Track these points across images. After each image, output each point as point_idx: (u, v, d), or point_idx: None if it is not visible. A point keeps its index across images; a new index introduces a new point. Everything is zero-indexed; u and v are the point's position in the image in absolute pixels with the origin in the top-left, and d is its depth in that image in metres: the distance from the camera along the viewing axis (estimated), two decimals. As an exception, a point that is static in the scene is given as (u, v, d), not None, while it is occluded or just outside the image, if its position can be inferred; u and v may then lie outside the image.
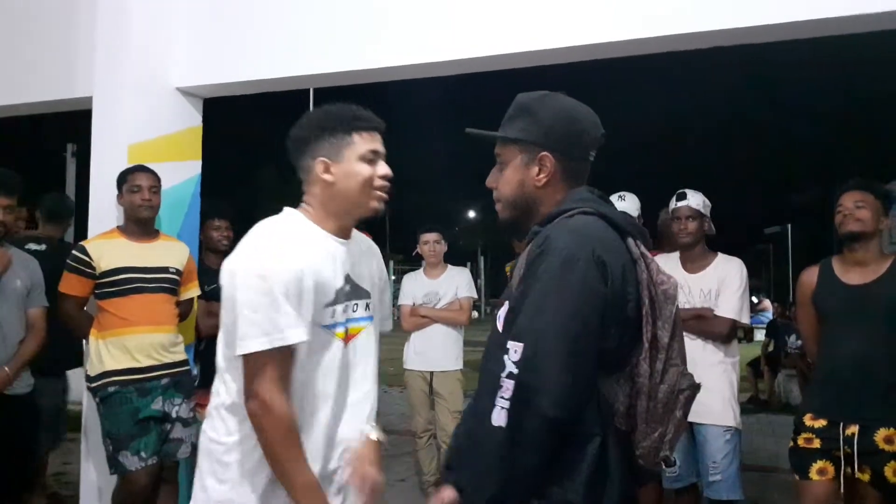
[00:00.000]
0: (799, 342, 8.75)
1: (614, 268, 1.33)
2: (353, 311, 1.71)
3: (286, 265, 1.55)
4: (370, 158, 1.66)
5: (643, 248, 1.42)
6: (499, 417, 1.25)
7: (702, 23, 2.97)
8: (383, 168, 1.68)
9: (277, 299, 1.51)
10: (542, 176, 1.47)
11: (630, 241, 1.42)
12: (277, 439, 1.51)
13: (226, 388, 1.63)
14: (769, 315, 13.07)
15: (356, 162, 1.64)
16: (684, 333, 1.46)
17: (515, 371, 1.25)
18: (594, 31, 3.11)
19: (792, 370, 8.73)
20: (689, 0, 2.98)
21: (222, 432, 1.63)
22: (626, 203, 3.45)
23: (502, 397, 1.25)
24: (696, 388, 1.38)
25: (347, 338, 1.69)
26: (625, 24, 3.06)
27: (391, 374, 10.55)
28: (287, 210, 1.71)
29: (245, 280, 1.55)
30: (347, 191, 1.65)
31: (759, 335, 10.70)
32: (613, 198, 3.35)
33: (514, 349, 1.27)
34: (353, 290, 1.70)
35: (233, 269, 1.59)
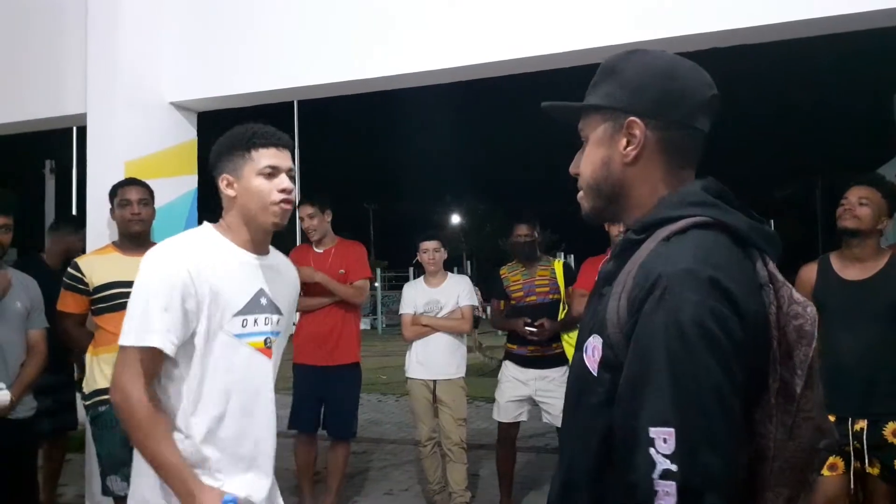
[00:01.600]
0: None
1: (750, 310, 1.00)
2: (272, 325, 1.82)
3: (177, 271, 1.66)
4: (268, 173, 1.73)
5: (772, 266, 1.08)
6: None
7: (690, 26, 3.01)
8: (282, 182, 1.74)
9: (155, 303, 1.64)
10: (630, 149, 1.12)
11: (757, 258, 1.08)
12: (135, 426, 1.63)
13: None
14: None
15: (254, 177, 1.73)
16: None
17: (674, 468, 0.92)
18: (588, 35, 3.15)
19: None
20: (680, 3, 3.02)
21: None
22: None
23: (661, 501, 0.92)
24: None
25: (270, 350, 1.81)
26: (617, 27, 3.10)
27: (384, 382, 10.55)
28: (204, 223, 1.84)
29: (139, 279, 1.70)
30: (247, 205, 1.75)
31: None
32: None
33: (664, 437, 0.93)
34: (269, 304, 1.81)
35: (140, 269, 1.72)
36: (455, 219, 44.41)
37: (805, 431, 1.04)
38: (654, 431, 0.93)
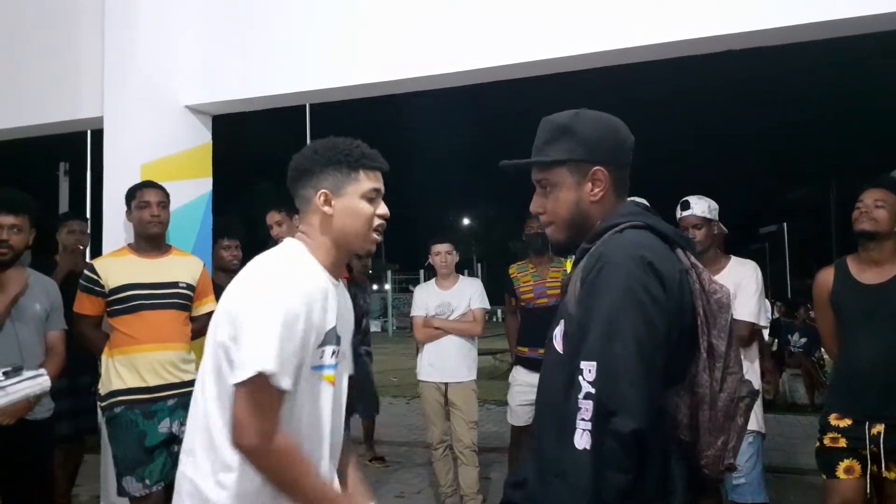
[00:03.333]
0: (802, 341, 8.79)
1: (671, 278, 1.33)
2: (340, 356, 1.68)
3: (297, 308, 1.50)
4: (371, 197, 1.65)
5: (693, 258, 1.42)
6: (582, 440, 1.22)
7: (701, 29, 3.02)
8: (383, 208, 1.68)
9: (282, 336, 1.47)
10: (597, 191, 1.46)
11: (679, 251, 1.42)
12: (287, 466, 1.50)
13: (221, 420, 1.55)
14: (768, 315, 13.10)
15: (358, 199, 1.64)
16: None
17: (593, 390, 1.23)
18: (597, 39, 3.16)
19: (797, 369, 8.75)
20: (689, 7, 3.02)
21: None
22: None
23: (583, 419, 1.23)
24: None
25: (334, 379, 1.67)
26: (629, 30, 3.10)
27: (395, 385, 10.56)
28: (290, 242, 1.68)
29: (256, 306, 1.51)
30: (345, 227, 1.64)
31: (763, 335, 10.70)
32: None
33: (588, 368, 1.24)
34: (336, 335, 1.67)
35: (247, 293, 1.55)
36: (465, 222, 44.45)
37: (731, 384, 1.36)
38: (583, 364, 1.26)
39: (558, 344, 1.39)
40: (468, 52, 3.35)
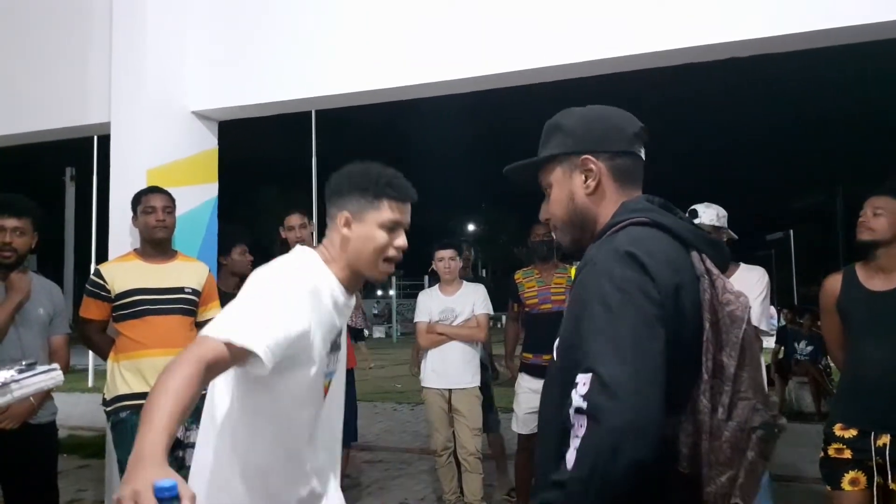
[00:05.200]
0: (809, 349, 8.74)
1: (662, 281, 1.16)
2: (337, 363, 1.75)
3: (303, 300, 1.52)
4: (390, 227, 1.66)
5: (709, 264, 1.25)
6: (571, 458, 1.09)
7: (705, 37, 3.02)
8: (401, 240, 1.69)
9: (277, 318, 1.44)
10: (590, 182, 1.33)
11: (694, 255, 1.25)
12: (169, 368, 1.32)
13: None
14: (774, 322, 13.05)
15: (376, 228, 1.65)
16: None
17: (584, 406, 1.08)
18: (603, 46, 3.17)
19: (803, 377, 8.70)
20: (693, 15, 3.03)
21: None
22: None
23: (576, 436, 1.09)
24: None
25: (329, 387, 1.72)
26: (633, 37, 3.11)
27: (399, 391, 10.54)
28: (304, 250, 1.70)
29: (258, 288, 1.50)
30: (359, 251, 1.66)
31: (768, 342, 10.66)
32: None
33: (583, 382, 1.10)
34: (338, 344, 1.74)
35: (261, 275, 1.55)
36: (471, 227, 44.43)
37: (742, 411, 1.16)
38: (578, 378, 1.12)
39: (556, 353, 1.28)
40: (473, 59, 3.36)
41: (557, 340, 1.28)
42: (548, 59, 3.25)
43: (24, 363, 2.22)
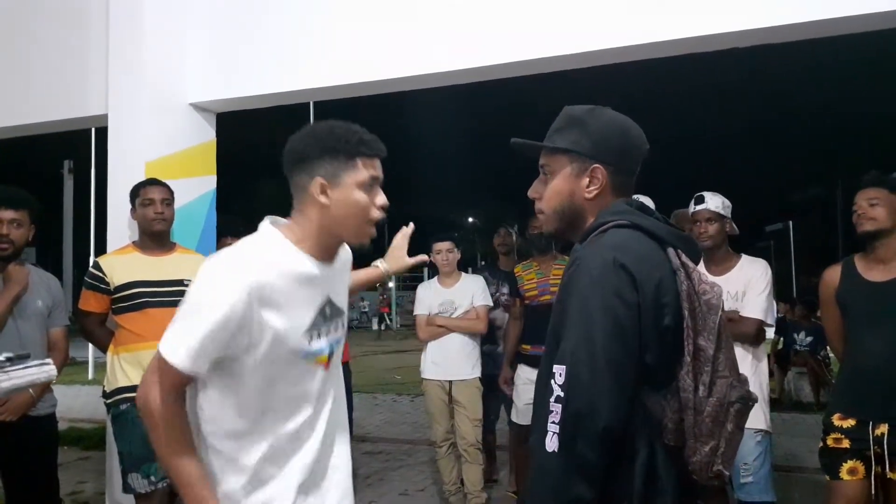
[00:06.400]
0: (808, 339, 8.75)
1: (644, 278, 1.31)
2: (336, 331, 1.67)
3: (237, 298, 1.47)
4: (369, 185, 1.58)
5: (684, 258, 1.39)
6: (551, 442, 1.25)
7: (705, 27, 3.01)
8: (381, 198, 1.62)
9: (204, 325, 1.48)
10: (592, 188, 1.45)
11: (670, 251, 1.39)
12: (152, 426, 1.55)
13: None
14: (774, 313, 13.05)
15: (355, 189, 1.56)
16: None
17: (562, 394, 1.26)
18: (603, 36, 3.16)
19: (802, 368, 8.72)
20: (692, 4, 3.02)
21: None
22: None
23: (553, 422, 1.26)
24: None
25: (329, 361, 1.65)
26: (634, 27, 3.10)
27: (399, 382, 10.56)
28: (265, 228, 1.62)
29: (196, 290, 1.54)
30: (342, 217, 1.57)
31: (768, 333, 10.68)
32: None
33: (559, 372, 1.27)
34: (333, 311, 1.66)
35: (198, 278, 1.57)
36: (469, 219, 44.40)
37: (721, 388, 1.32)
38: (555, 368, 1.28)
39: (546, 342, 1.41)
40: (472, 50, 3.35)
41: (549, 329, 1.40)
42: (546, 50, 3.24)
43: (14, 355, 2.20)
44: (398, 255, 2.19)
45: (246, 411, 1.56)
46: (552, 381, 1.27)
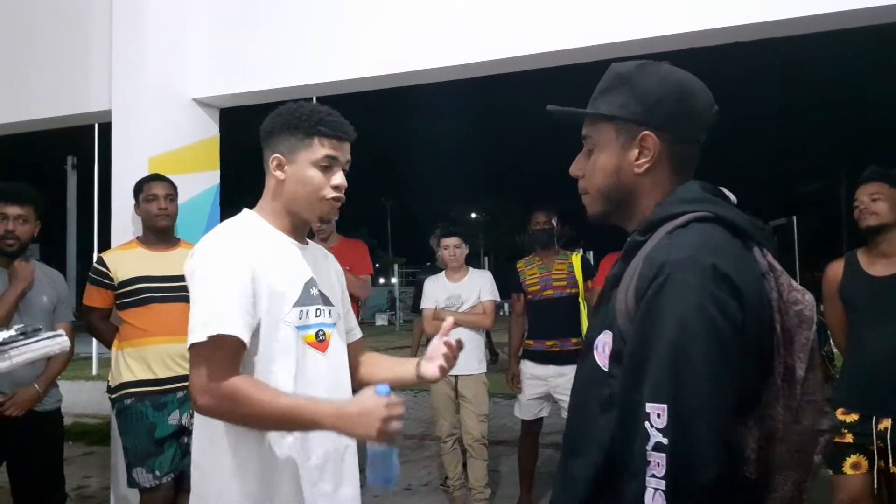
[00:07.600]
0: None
1: (750, 291, 1.05)
2: (326, 317, 1.68)
3: (241, 264, 1.52)
4: (325, 165, 1.60)
5: (770, 258, 1.13)
6: (655, 501, 0.98)
7: (709, 20, 2.99)
8: (338, 178, 1.62)
9: (226, 292, 1.49)
10: (642, 161, 1.17)
11: (756, 250, 1.12)
12: (244, 409, 1.46)
13: None
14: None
15: (308, 167, 1.59)
16: None
17: (665, 441, 0.97)
18: (606, 30, 3.14)
19: (805, 363, 8.72)
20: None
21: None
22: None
23: (654, 476, 0.98)
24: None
25: (324, 344, 1.66)
26: (636, 21, 3.09)
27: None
28: (245, 211, 1.69)
29: (200, 275, 1.54)
30: (294, 193, 1.62)
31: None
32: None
33: (657, 412, 0.99)
34: (320, 296, 1.67)
35: (191, 269, 1.57)
36: (473, 214, 44.40)
37: (809, 413, 1.08)
38: (649, 406, 0.99)
39: (600, 357, 1.13)
40: (474, 45, 3.34)
41: (603, 341, 1.14)
42: (548, 45, 3.23)
43: (27, 328, 2.20)
44: (437, 364, 1.86)
45: None
46: (646, 424, 0.99)
